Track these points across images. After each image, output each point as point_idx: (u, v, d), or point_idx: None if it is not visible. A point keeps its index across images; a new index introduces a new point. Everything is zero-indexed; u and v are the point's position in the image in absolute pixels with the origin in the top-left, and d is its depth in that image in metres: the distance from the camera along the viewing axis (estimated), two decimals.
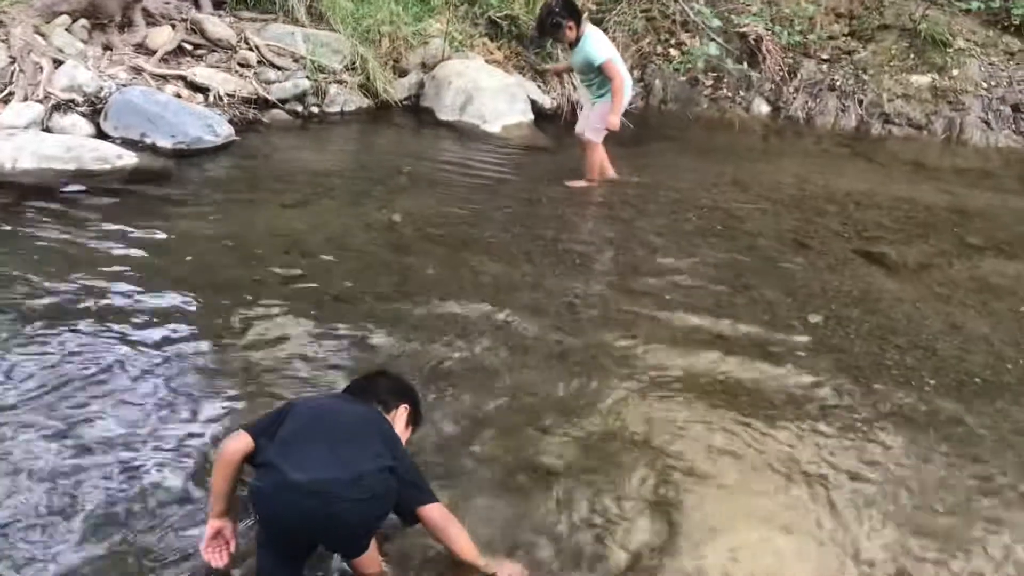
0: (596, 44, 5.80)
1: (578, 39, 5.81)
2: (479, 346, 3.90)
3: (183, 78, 6.67)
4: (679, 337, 4.12)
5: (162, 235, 4.69)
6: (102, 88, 6.13)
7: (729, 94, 8.72)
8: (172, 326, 3.81)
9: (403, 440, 2.74)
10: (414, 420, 2.89)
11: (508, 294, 4.41)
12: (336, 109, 7.20)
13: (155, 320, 3.84)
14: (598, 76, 5.89)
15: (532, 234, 5.24)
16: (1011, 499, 3.18)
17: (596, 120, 6.03)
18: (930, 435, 3.49)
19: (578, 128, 6.28)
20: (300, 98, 7.05)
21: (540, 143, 7.29)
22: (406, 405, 2.85)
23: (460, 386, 3.57)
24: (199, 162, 5.86)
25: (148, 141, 5.90)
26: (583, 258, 5.05)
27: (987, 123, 8.44)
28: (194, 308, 3.98)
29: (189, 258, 4.46)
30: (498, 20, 8.36)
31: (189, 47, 6.99)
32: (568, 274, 4.75)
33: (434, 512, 2.58)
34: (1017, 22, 8.68)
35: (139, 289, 4.07)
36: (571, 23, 5.75)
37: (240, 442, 2.49)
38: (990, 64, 8.75)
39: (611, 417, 3.46)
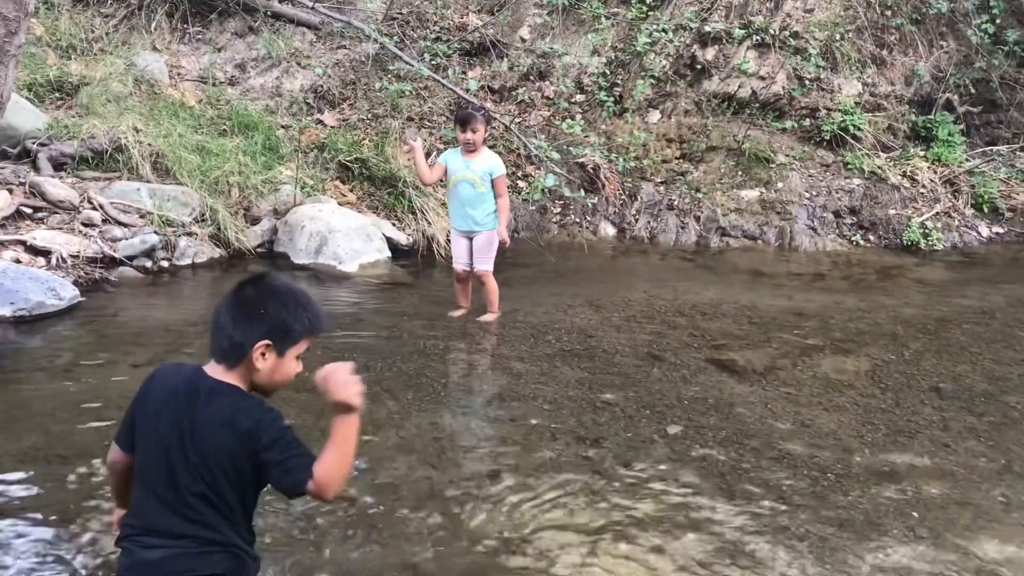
0: (498, 159, 6.16)
1: (476, 150, 5.99)
2: (346, 493, 3.82)
3: (23, 242, 6.47)
4: (547, 462, 4.17)
5: (1, 409, 4.45)
6: None
7: (577, 219, 9.13)
8: (13, 501, 3.58)
9: (281, 375, 2.32)
10: (283, 346, 2.29)
11: (374, 434, 4.37)
12: (187, 262, 7.09)
13: None
14: (489, 191, 6.01)
15: (394, 370, 5.24)
16: None
17: (484, 248, 6.11)
18: (791, 536, 3.62)
19: (460, 265, 6.27)
20: (148, 253, 6.92)
21: (397, 279, 7.38)
22: (265, 343, 2.25)
23: (327, 541, 3.48)
24: (42, 328, 5.63)
25: None
26: (447, 390, 5.08)
27: (814, 229, 9.11)
28: (39, 482, 3.76)
29: (32, 431, 4.22)
30: (348, 163, 8.54)
31: (29, 210, 6.80)
32: (433, 408, 4.76)
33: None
34: (827, 137, 9.53)
35: None
36: (486, 128, 6.06)
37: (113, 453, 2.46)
38: (809, 176, 9.52)
39: (486, 553, 3.43)
